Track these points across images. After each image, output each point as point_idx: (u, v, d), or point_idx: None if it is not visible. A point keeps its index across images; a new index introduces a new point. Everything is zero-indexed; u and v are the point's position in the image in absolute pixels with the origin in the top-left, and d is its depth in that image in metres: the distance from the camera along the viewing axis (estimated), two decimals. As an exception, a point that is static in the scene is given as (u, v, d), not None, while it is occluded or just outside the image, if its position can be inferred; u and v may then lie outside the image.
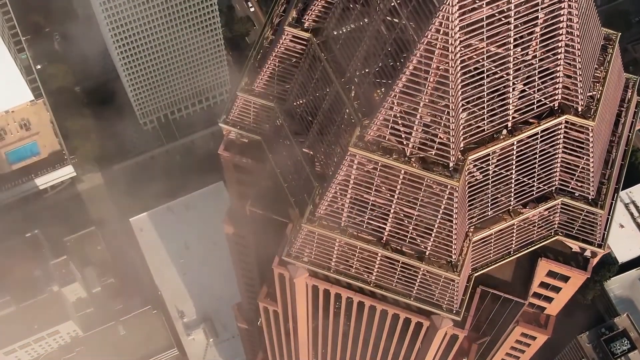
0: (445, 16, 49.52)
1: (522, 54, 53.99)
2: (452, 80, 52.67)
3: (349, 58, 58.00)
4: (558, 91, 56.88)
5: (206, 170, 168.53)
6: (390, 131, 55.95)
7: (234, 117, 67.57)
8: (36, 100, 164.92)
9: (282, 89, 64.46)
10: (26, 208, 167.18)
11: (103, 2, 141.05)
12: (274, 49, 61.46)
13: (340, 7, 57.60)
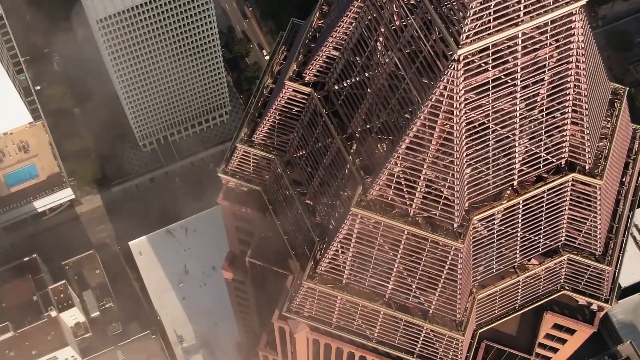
0: (450, 80, 48.28)
1: (528, 112, 52.75)
2: (456, 140, 51.41)
3: (350, 113, 56.75)
4: (565, 149, 55.65)
5: (206, 192, 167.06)
6: (393, 191, 54.69)
7: (233, 168, 66.26)
8: (35, 122, 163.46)
9: (283, 140, 63.24)
10: (24, 231, 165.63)
11: (102, 26, 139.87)
12: (274, 102, 60.22)
13: (342, 62, 56.35)
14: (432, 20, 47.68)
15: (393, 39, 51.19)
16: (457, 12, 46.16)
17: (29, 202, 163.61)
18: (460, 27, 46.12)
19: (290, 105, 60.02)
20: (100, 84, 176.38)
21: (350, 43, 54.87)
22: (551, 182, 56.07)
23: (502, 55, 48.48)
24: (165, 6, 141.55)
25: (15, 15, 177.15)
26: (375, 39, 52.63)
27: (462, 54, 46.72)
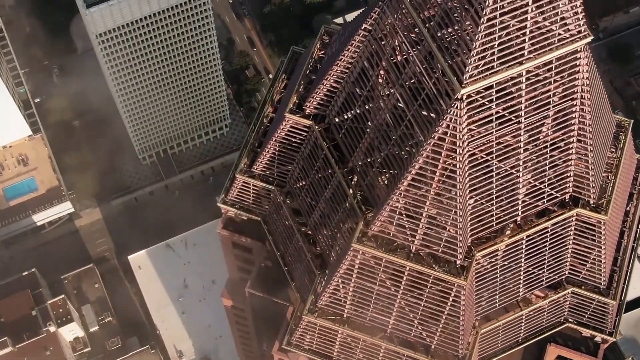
0: (454, 119, 47.56)
1: (532, 147, 51.98)
2: (459, 175, 50.69)
3: (352, 147, 55.99)
4: (569, 184, 54.89)
5: (205, 206, 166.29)
6: (395, 227, 53.91)
7: (232, 198, 65.48)
8: (34, 135, 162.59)
9: (283, 170, 62.48)
10: (23, 244, 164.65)
11: (102, 40, 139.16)
12: (274, 134, 59.46)
13: (343, 95, 55.58)
14: (435, 57, 46.99)
15: (395, 74, 50.51)
16: (460, 51, 45.48)
17: (28, 216, 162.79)
18: (463, 65, 45.45)
19: (290, 137, 59.29)
20: (100, 96, 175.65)
21: (351, 76, 54.18)
22: (555, 218, 55.31)
23: (506, 93, 47.80)
24: (165, 20, 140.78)
25: (15, 27, 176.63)
26: (377, 73, 51.94)
27: (465, 93, 46.05)
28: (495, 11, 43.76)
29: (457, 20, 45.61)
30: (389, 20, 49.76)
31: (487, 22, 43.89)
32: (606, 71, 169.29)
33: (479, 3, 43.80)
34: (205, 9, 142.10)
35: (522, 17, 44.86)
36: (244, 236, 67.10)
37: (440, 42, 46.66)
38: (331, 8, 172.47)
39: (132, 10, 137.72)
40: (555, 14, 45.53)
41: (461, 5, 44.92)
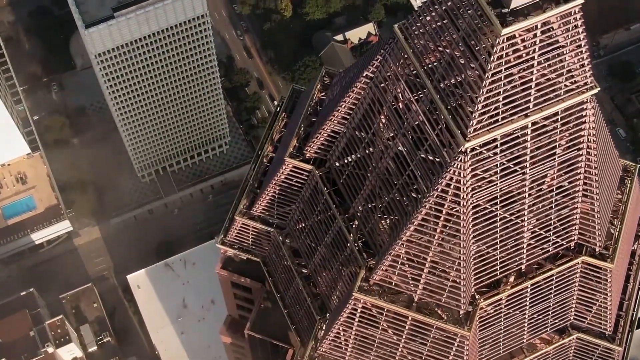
0: (457, 171, 46.55)
1: (537, 197, 50.98)
2: (463, 224, 49.69)
3: (353, 193, 54.95)
4: (575, 231, 53.83)
5: (204, 225, 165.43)
6: (397, 276, 52.87)
7: (231, 238, 64.43)
8: (33, 153, 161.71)
9: (283, 212, 61.44)
10: (21, 263, 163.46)
11: (101, 60, 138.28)
12: (274, 177, 58.45)
13: (344, 141, 54.53)
14: (438, 108, 45.99)
15: (397, 122, 49.52)
16: (464, 104, 44.49)
17: (27, 235, 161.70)
18: (467, 119, 44.46)
19: (290, 181, 58.30)
20: (99, 113, 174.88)
21: (352, 122, 53.19)
22: (560, 266, 54.27)
23: (511, 145, 46.80)
24: (164, 40, 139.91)
25: (14, 44, 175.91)
26: (379, 122, 50.94)
27: (469, 146, 45.06)
28: (501, 65, 42.79)
29: (461, 71, 44.61)
30: (390, 68, 48.78)
31: (492, 77, 42.93)
32: (607, 88, 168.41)
33: (483, 56, 42.84)
34: (205, 28, 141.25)
35: (528, 70, 43.89)
36: (243, 276, 65.99)
37: (444, 94, 45.66)
38: (331, 25, 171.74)
39: (132, 30, 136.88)
40: (561, 67, 44.57)
41: (465, 57, 43.93)
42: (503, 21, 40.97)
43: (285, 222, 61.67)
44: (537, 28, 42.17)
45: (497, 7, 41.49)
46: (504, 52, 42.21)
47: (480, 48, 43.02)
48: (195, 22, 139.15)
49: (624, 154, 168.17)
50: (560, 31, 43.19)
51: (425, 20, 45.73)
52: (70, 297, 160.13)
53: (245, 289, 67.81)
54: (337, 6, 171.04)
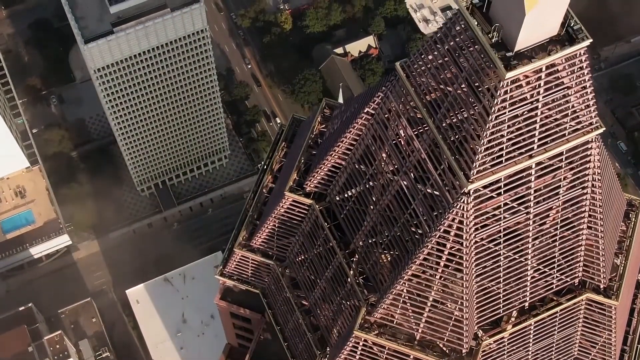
0: (460, 212, 45.78)
1: (541, 235, 50.21)
2: (466, 262, 48.93)
3: (354, 229, 54.15)
4: (579, 268, 53.06)
5: (204, 239, 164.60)
6: (399, 315, 52.07)
7: (230, 270, 63.65)
8: (32, 167, 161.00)
9: (282, 244, 60.67)
10: (20, 277, 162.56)
11: (100, 75, 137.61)
12: (273, 210, 57.66)
13: (345, 174, 53.75)
14: (440, 148, 45.25)
15: (399, 160, 48.76)
16: (467, 146, 43.72)
17: (25, 249, 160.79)
18: (470, 161, 43.69)
19: (290, 215, 57.51)
20: (99, 126, 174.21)
21: (353, 158, 52.43)
22: (564, 303, 53.45)
23: (515, 185, 46.06)
24: (164, 55, 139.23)
25: (13, 56, 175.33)
26: (380, 158, 50.17)
27: (472, 188, 44.31)
28: (505, 107, 42.04)
29: (464, 111, 43.87)
30: (392, 105, 48.05)
31: (495, 119, 42.18)
32: (608, 101, 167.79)
33: (487, 98, 42.10)
34: (204, 43, 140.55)
35: (533, 110, 43.15)
36: (243, 307, 65.18)
37: (446, 133, 44.90)
38: (331, 38, 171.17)
39: (131, 45, 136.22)
40: (566, 107, 43.83)
41: (468, 97, 43.19)
42: (507, 64, 40.22)
43: (285, 254, 60.90)
44: (542, 70, 41.43)
45: (500, 49, 40.75)
46: (507, 95, 41.47)
47: (483, 89, 42.28)
48: (195, 37, 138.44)
49: (625, 168, 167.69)
50: (566, 72, 42.47)
51: (427, 58, 45.01)
52: (69, 312, 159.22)
53: (245, 319, 67.02)
54: (337, 19, 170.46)
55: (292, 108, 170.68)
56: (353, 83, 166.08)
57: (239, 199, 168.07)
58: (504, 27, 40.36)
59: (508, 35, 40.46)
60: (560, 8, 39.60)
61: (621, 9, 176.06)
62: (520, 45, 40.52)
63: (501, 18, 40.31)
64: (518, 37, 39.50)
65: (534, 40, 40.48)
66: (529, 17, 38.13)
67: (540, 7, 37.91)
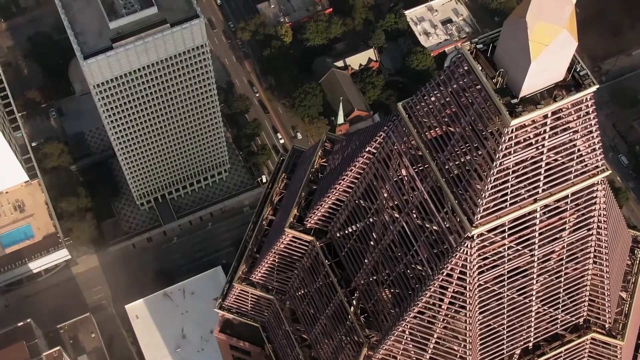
0: (463, 257, 45.00)
1: (546, 276, 49.43)
2: (469, 305, 48.16)
3: (355, 267, 53.38)
4: (584, 308, 52.26)
5: (204, 253, 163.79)
6: (401, 354, 51.26)
7: (230, 303, 62.84)
8: (31, 181, 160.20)
9: (283, 277, 59.88)
10: (19, 292, 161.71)
11: (100, 91, 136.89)
12: (273, 245, 56.87)
13: (347, 211, 52.97)
14: (444, 192, 44.48)
15: (401, 200, 48.00)
16: (471, 190, 42.92)
17: (24, 264, 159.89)
18: (474, 205, 42.92)
19: (290, 251, 56.73)
20: (98, 139, 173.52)
21: (354, 196, 51.66)
22: (569, 344, 52.65)
23: (520, 229, 45.27)
24: (163, 70, 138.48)
25: (13, 69, 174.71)
26: (382, 197, 49.39)
27: (476, 233, 43.53)
28: (510, 153, 41.25)
29: (467, 155, 43.08)
30: (394, 145, 47.28)
31: (499, 165, 41.40)
32: (609, 114, 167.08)
33: (491, 143, 41.29)
34: (204, 58, 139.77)
35: (538, 154, 42.37)
36: (242, 340, 64.36)
37: (449, 176, 44.13)
38: (331, 51, 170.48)
39: (130, 61, 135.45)
40: (572, 151, 43.05)
41: (471, 141, 42.40)
42: (512, 111, 39.44)
43: (285, 287, 60.10)
44: (548, 116, 40.66)
45: (505, 94, 39.97)
46: (513, 141, 40.70)
47: (487, 133, 41.50)
48: (194, 52, 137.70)
49: (626, 181, 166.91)
50: (572, 117, 41.70)
51: (430, 100, 44.26)
52: (67, 327, 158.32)
53: (244, 352, 66.20)
54: (337, 32, 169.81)
55: (292, 121, 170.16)
56: (353, 96, 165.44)
57: (239, 212, 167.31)
58: (508, 73, 39.60)
59: (513, 81, 39.69)
60: (567, 55, 38.83)
61: (622, 21, 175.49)
62: (525, 92, 39.75)
63: (506, 64, 39.55)
64: (523, 84, 38.72)
65: (539, 85, 39.72)
66: (534, 65, 37.37)
67: (546, 55, 37.15)
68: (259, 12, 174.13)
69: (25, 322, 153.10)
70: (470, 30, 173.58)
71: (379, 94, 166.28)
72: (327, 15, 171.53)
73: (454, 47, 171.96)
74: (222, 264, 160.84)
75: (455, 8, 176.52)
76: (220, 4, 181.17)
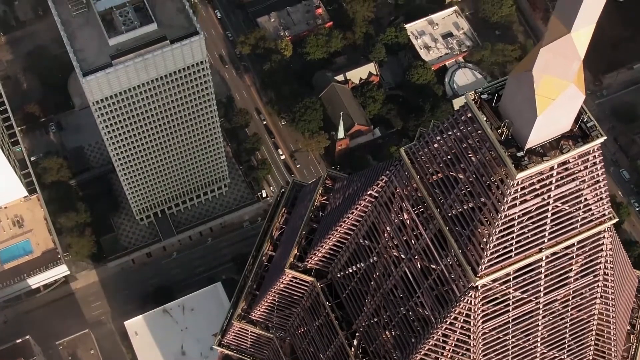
0: (467, 306, 44.18)
1: (551, 323, 48.66)
2: (473, 351, 47.35)
3: (357, 309, 52.62)
4: (590, 351, 51.44)
5: (203, 269, 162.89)
6: (403, 401, 50.44)
7: (229, 341, 62.05)
8: (30, 196, 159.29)
9: (283, 315, 59.09)
10: (17, 308, 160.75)
11: (99, 107, 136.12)
12: (273, 285, 56.12)
13: (348, 252, 52.25)
14: (447, 240, 43.67)
15: (403, 245, 47.22)
16: (475, 240, 42.12)
17: (23, 280, 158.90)
18: (479, 256, 42.13)
19: (290, 291, 55.95)
20: (97, 154, 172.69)
21: (355, 239, 50.91)
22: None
23: (525, 278, 44.47)
24: (163, 86, 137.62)
25: (12, 83, 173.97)
26: (384, 241, 48.61)
27: (480, 283, 42.71)
28: (515, 206, 40.46)
29: (472, 203, 42.29)
30: (397, 190, 46.50)
31: (504, 216, 40.59)
32: (610, 129, 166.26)
33: (497, 196, 40.49)
34: (204, 74, 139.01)
35: (544, 204, 41.58)
36: (243, 377, 63.61)
37: (452, 224, 43.35)
38: (331, 65, 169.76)
39: (130, 77, 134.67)
40: (578, 200, 42.27)
41: (475, 191, 41.61)
42: (518, 164, 38.63)
43: (285, 325, 59.31)
44: (554, 167, 39.85)
45: (510, 146, 39.16)
46: (518, 194, 39.91)
47: (491, 182, 40.72)
48: (194, 69, 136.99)
49: (628, 196, 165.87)
50: (579, 168, 40.90)
51: (432, 147, 43.46)
52: (66, 344, 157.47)
53: (245, 387, 65.44)
54: (337, 46, 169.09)
55: (292, 136, 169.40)
56: (354, 111, 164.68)
57: (239, 227, 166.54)
58: (514, 124, 38.79)
59: (518, 132, 38.89)
60: (574, 108, 38.02)
61: (623, 36, 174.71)
62: (531, 143, 38.97)
63: (511, 115, 38.72)
64: (529, 136, 37.91)
65: (545, 137, 38.93)
66: (541, 119, 36.58)
67: (553, 109, 36.34)
68: (259, 26, 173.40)
69: (24, 339, 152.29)
70: (470, 44, 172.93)
71: (379, 108, 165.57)
72: (327, 29, 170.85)
73: (454, 61, 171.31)
74: (222, 279, 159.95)
75: (456, 22, 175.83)
76: (220, 18, 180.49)
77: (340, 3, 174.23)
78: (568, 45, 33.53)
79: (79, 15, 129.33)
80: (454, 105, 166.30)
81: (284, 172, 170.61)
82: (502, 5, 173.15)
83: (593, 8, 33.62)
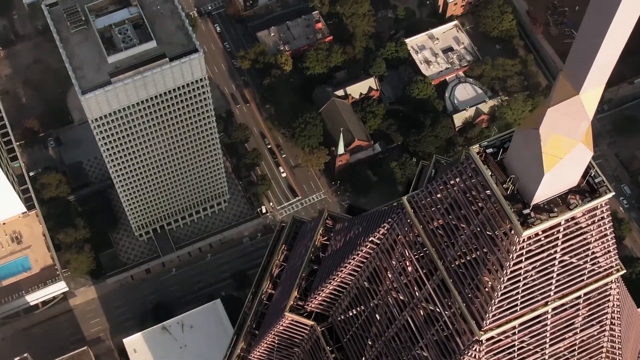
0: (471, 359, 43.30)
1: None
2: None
3: (359, 354, 51.73)
4: (596, 398, 50.54)
5: (203, 285, 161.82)
6: None
7: (229, 380, 61.29)
8: (28, 212, 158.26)
9: (282, 356, 58.21)
10: (15, 325, 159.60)
11: (98, 124, 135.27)
12: (273, 327, 55.23)
13: (349, 297, 51.38)
14: (451, 293, 42.80)
15: (406, 294, 46.34)
16: (479, 294, 41.24)
17: (21, 296, 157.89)
18: (483, 311, 41.23)
19: (290, 333, 55.05)
20: (96, 169, 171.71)
21: (356, 284, 50.03)
22: None
23: (530, 330, 43.61)
24: (162, 104, 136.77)
25: (11, 97, 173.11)
26: (386, 289, 47.75)
27: (485, 337, 41.83)
28: (521, 262, 39.56)
29: (476, 255, 41.42)
30: (399, 238, 45.62)
31: (510, 273, 39.71)
32: (611, 144, 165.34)
33: (502, 252, 39.58)
34: (204, 91, 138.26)
35: (551, 258, 40.70)
36: (242, 416, 62.66)
37: (456, 277, 42.47)
38: (331, 79, 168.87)
39: (129, 95, 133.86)
40: (586, 254, 41.41)
41: (480, 245, 40.72)
42: (524, 221, 37.73)
43: (286, 367, 58.50)
44: (561, 223, 38.98)
45: (516, 201, 38.26)
46: (524, 250, 39.03)
47: (495, 237, 39.83)
48: (194, 86, 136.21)
49: (629, 212, 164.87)
50: (586, 223, 40.03)
51: (435, 197, 42.60)
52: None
53: None
54: (337, 60, 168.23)
55: (292, 151, 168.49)
56: (354, 126, 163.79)
57: (239, 243, 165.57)
58: (520, 180, 37.90)
59: (525, 188, 38.00)
60: (582, 165, 37.15)
61: (623, 50, 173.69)
62: (538, 199, 38.06)
63: (517, 170, 37.83)
64: (536, 193, 37.03)
65: (552, 193, 38.03)
66: (548, 176, 35.71)
67: (561, 167, 35.47)
68: (258, 41, 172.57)
69: (22, 357, 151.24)
70: (471, 59, 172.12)
71: (379, 123, 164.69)
72: (327, 43, 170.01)
73: (455, 76, 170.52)
74: (221, 296, 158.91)
75: (457, 36, 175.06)
76: (219, 32, 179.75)
77: (340, 17, 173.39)
78: (577, 106, 32.67)
79: (77, 33, 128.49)
80: (454, 120, 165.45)
81: (284, 188, 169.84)
82: (502, 19, 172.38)
83: (603, 70, 32.74)
